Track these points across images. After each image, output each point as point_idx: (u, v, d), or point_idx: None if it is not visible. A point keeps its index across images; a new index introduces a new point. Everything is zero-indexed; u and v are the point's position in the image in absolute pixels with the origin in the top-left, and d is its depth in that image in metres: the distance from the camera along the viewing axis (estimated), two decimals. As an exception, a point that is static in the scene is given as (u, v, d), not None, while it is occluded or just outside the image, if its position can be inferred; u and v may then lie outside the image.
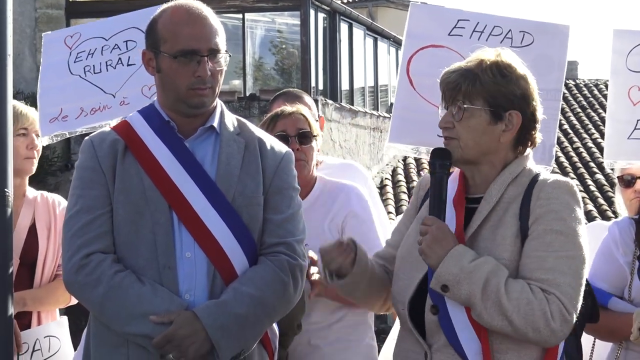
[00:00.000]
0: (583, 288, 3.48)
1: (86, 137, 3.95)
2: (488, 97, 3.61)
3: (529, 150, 3.72)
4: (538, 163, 4.78)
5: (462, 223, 3.60)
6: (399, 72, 5.18)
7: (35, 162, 5.07)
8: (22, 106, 4.77)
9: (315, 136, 4.81)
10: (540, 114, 3.70)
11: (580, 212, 3.57)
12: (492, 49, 3.75)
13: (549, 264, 3.46)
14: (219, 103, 3.96)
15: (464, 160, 3.64)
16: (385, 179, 24.33)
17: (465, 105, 3.59)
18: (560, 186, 3.58)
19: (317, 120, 5.30)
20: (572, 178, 25.38)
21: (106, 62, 5.41)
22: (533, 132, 3.69)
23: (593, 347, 4.88)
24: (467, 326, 3.50)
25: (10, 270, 4.03)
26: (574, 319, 3.43)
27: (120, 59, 5.38)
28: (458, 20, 5.11)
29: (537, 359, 3.56)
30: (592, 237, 4.76)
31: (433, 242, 3.48)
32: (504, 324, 3.40)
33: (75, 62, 5.41)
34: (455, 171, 3.78)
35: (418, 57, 5.06)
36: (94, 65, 5.40)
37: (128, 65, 5.35)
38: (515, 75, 3.64)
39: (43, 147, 5.31)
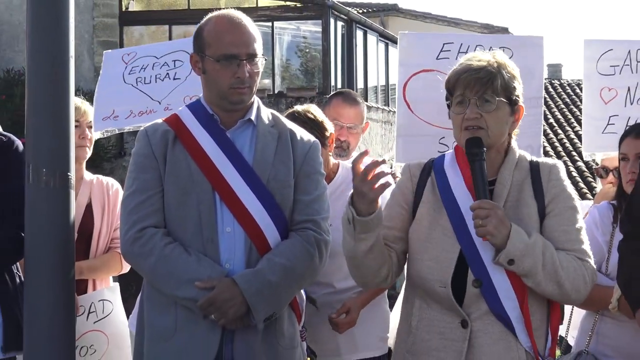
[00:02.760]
0: None
1: (141, 128, 3.97)
2: (507, 91, 3.61)
3: (515, 140, 3.74)
4: None
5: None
6: (397, 99, 5.16)
7: (88, 150, 5.09)
8: (76, 100, 4.75)
9: (323, 130, 4.74)
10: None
11: None
12: (487, 52, 3.74)
13: (573, 236, 3.55)
14: (255, 99, 3.97)
15: (489, 146, 3.59)
16: (395, 165, 24.23)
17: (497, 98, 3.57)
18: (562, 169, 3.67)
19: (362, 124, 5.32)
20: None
21: (156, 76, 5.44)
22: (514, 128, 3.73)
23: (571, 313, 4.89)
24: (511, 295, 3.50)
25: (73, 244, 4.02)
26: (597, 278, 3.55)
27: (168, 73, 5.42)
28: (443, 44, 5.08)
29: (548, 312, 3.65)
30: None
31: (499, 223, 3.43)
32: (554, 288, 3.46)
33: (129, 74, 5.46)
34: (450, 158, 3.76)
35: (412, 82, 5.04)
36: (144, 77, 5.44)
37: (174, 79, 5.39)
38: (513, 73, 3.66)
39: (99, 137, 5.33)
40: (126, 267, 4.90)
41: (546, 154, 25.69)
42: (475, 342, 3.53)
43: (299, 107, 4.79)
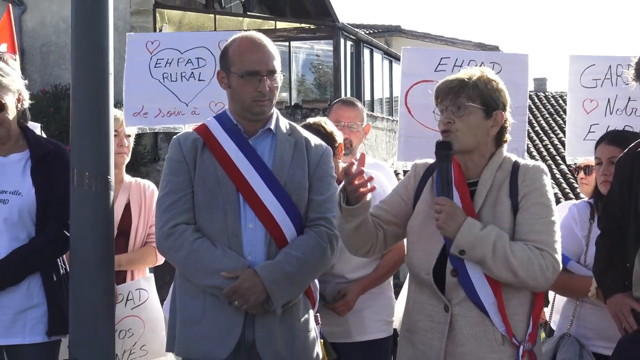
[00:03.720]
0: (560, 244, 3.54)
1: (174, 137, 3.98)
2: (482, 98, 3.60)
3: (505, 146, 3.71)
4: None
5: (469, 201, 3.59)
6: (400, 104, 5.17)
7: (126, 156, 5.08)
8: (115, 112, 4.73)
9: (334, 139, 4.74)
10: (510, 120, 3.70)
11: (551, 188, 3.62)
12: (476, 68, 3.76)
13: (537, 228, 3.50)
14: (275, 110, 3.97)
15: (462, 149, 3.61)
16: (396, 170, 24.17)
17: (467, 104, 3.57)
18: (539, 169, 3.62)
19: (363, 126, 5.31)
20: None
21: (181, 74, 5.35)
22: (506, 132, 3.69)
23: (554, 300, 4.87)
24: (484, 283, 3.50)
25: (112, 240, 4.04)
26: (560, 267, 3.48)
27: (192, 73, 5.33)
28: (441, 59, 5.09)
29: (530, 300, 3.59)
30: (559, 213, 4.78)
31: (448, 218, 3.47)
32: (509, 276, 3.42)
33: (155, 67, 5.36)
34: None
35: (413, 91, 5.04)
36: (170, 74, 5.35)
37: (199, 80, 5.31)
38: (498, 87, 3.66)
39: (136, 144, 5.30)
40: (161, 260, 4.90)
41: (532, 158, 25.68)
42: (456, 324, 3.54)
43: (311, 120, 4.77)
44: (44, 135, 5.09)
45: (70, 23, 3.95)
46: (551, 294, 4.82)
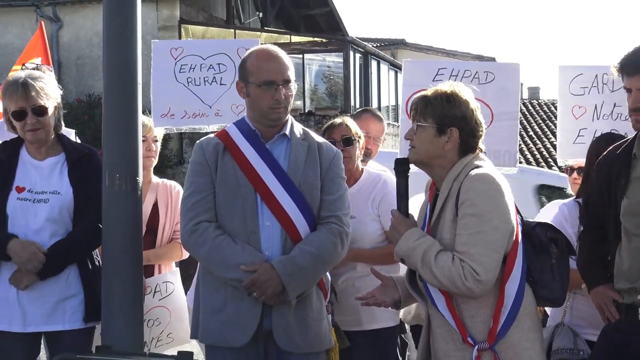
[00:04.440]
0: (496, 251, 3.38)
1: (197, 141, 3.97)
2: (436, 116, 3.54)
3: (471, 155, 3.58)
4: (505, 165, 4.79)
5: (429, 213, 3.62)
6: (401, 112, 5.17)
7: (154, 159, 5.06)
8: (144, 119, 4.74)
9: (357, 139, 4.78)
10: (481, 131, 3.59)
11: (498, 197, 3.43)
12: (450, 82, 3.70)
13: (464, 239, 3.39)
14: (290, 117, 3.96)
15: (418, 162, 3.61)
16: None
17: (418, 123, 3.56)
18: (477, 179, 3.45)
19: (383, 137, 5.35)
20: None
21: (204, 78, 5.31)
22: (474, 142, 3.58)
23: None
24: (433, 287, 3.49)
25: (141, 236, 4.04)
26: (487, 277, 3.35)
27: (214, 77, 5.30)
28: (438, 69, 5.07)
29: (492, 303, 3.46)
30: (550, 211, 4.77)
31: (393, 229, 3.58)
32: (435, 282, 3.41)
33: (180, 72, 5.31)
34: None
35: (413, 99, 5.04)
36: (194, 79, 5.31)
37: (221, 84, 5.28)
38: (458, 101, 3.55)
39: (163, 148, 5.30)
40: (186, 255, 4.89)
41: (527, 161, 25.67)
42: (431, 324, 3.58)
43: (338, 120, 4.84)
44: (78, 140, 5.11)
45: (102, 37, 3.96)
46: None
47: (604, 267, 3.89)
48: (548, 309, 4.68)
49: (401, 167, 3.61)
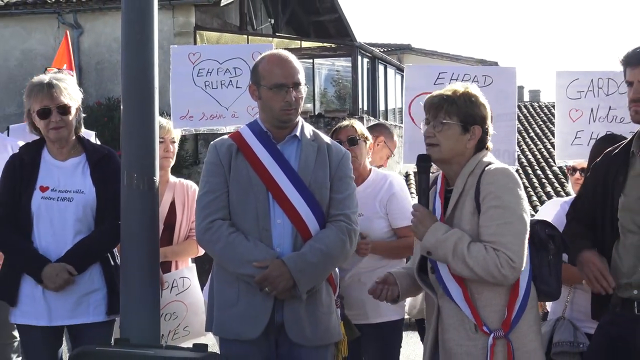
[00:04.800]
0: (523, 241, 3.43)
1: (211, 142, 3.98)
2: (460, 115, 3.57)
3: (484, 152, 3.64)
4: (505, 163, 4.77)
5: (443, 208, 3.61)
6: (404, 114, 5.18)
7: (172, 160, 5.07)
8: (162, 121, 4.77)
9: (364, 140, 4.80)
10: (491, 131, 3.66)
11: (517, 189, 3.49)
12: (461, 83, 3.77)
13: (492, 230, 3.42)
14: (300, 119, 3.96)
15: (441, 160, 3.61)
16: (407, 172, 24.17)
17: (444, 121, 3.56)
18: (498, 173, 3.52)
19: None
20: (536, 169, 25.24)
21: (221, 82, 5.32)
22: (487, 140, 3.65)
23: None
24: (450, 278, 3.50)
25: (158, 234, 4.04)
26: (520, 265, 3.40)
27: (231, 81, 5.31)
28: (439, 73, 5.07)
29: (505, 293, 3.50)
30: (551, 208, 4.75)
31: (418, 223, 3.54)
32: (468, 273, 3.40)
33: (197, 76, 5.33)
34: (440, 172, 3.76)
35: (415, 102, 5.04)
36: (212, 82, 5.32)
37: (237, 87, 5.29)
38: (480, 101, 3.61)
39: (179, 149, 5.32)
40: (201, 251, 4.90)
41: (528, 161, 25.66)
42: (441, 315, 3.57)
43: (345, 122, 4.87)
44: (98, 141, 5.14)
45: (121, 43, 3.97)
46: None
47: (589, 239, 3.84)
48: (548, 306, 4.67)
49: (424, 164, 3.60)
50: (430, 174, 3.82)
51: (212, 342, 4.06)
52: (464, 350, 3.49)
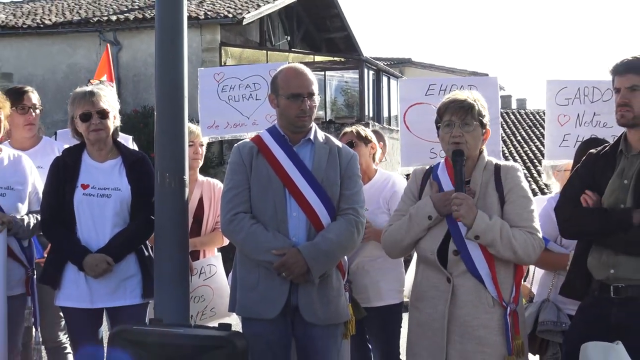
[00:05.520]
0: None
1: (235, 145, 3.98)
2: (480, 117, 3.66)
3: (484, 151, 3.77)
4: None
5: None
6: (399, 123, 5.19)
7: (200, 161, 5.08)
8: (191, 126, 4.77)
9: (364, 143, 4.79)
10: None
11: (525, 180, 3.69)
12: (467, 91, 3.81)
13: (524, 217, 3.57)
14: (313, 124, 3.96)
15: (467, 156, 3.63)
16: (407, 172, 24.15)
17: (474, 122, 3.62)
18: (517, 169, 3.69)
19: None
20: (523, 169, 25.14)
21: (242, 95, 5.37)
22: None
23: (534, 273, 4.81)
24: (482, 259, 3.53)
25: (187, 226, 4.05)
26: (544, 245, 3.62)
27: (250, 94, 5.35)
28: (429, 85, 5.06)
29: (513, 272, 3.63)
30: (539, 203, 4.74)
31: (468, 210, 3.49)
32: (510, 254, 3.49)
33: (222, 91, 5.39)
34: (442, 166, 3.77)
35: (409, 112, 5.05)
36: (234, 96, 5.37)
37: (256, 99, 5.33)
38: (485, 107, 3.71)
39: (206, 151, 5.34)
40: (226, 242, 4.90)
41: (515, 162, 25.58)
42: (457, 292, 3.56)
43: (348, 128, 4.88)
44: (135, 144, 5.15)
45: (155, 58, 3.98)
46: (531, 268, 4.77)
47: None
48: (534, 289, 4.66)
49: (460, 158, 3.59)
50: (421, 167, 3.90)
51: (235, 322, 4.05)
52: (480, 322, 3.52)
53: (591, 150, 3.89)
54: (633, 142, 3.63)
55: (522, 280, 4.71)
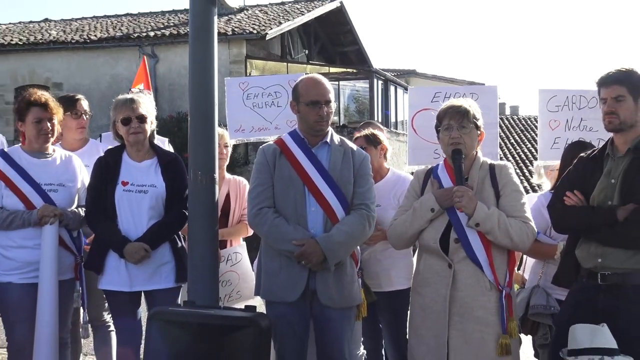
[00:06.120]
0: None
1: (260, 147, 3.98)
2: (475, 120, 3.66)
3: (479, 150, 3.77)
4: None
5: None
6: (408, 127, 5.19)
7: (226, 160, 5.07)
8: (219, 129, 4.75)
9: (374, 146, 4.75)
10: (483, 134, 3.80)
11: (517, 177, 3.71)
12: (465, 99, 3.85)
13: (518, 208, 3.57)
14: (330, 129, 3.95)
15: (465, 155, 3.65)
16: (412, 171, 24.11)
17: (470, 125, 3.63)
18: (510, 167, 3.70)
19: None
20: (515, 169, 25.02)
21: (265, 102, 5.36)
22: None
23: (525, 261, 4.78)
24: (480, 247, 3.52)
25: (217, 218, 4.04)
26: (536, 233, 3.62)
27: (273, 101, 5.34)
28: (435, 93, 5.05)
29: (507, 258, 3.62)
30: (530, 199, 4.71)
31: (469, 201, 3.51)
32: (507, 241, 3.50)
33: (247, 99, 5.38)
34: (441, 166, 3.78)
35: (417, 117, 5.04)
36: (258, 103, 5.36)
37: (277, 106, 5.32)
38: (478, 112, 3.72)
39: (232, 152, 5.35)
40: (251, 232, 4.90)
41: (509, 161, 25.46)
42: (457, 277, 3.55)
43: (367, 130, 4.83)
44: (170, 146, 5.16)
45: (188, 69, 3.98)
46: (524, 258, 4.74)
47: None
48: (526, 276, 4.63)
49: (459, 156, 3.62)
50: (423, 167, 3.95)
51: (259, 304, 4.05)
52: (479, 304, 3.51)
53: (581, 154, 3.88)
54: (619, 145, 3.66)
55: (517, 269, 4.72)
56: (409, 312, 3.84)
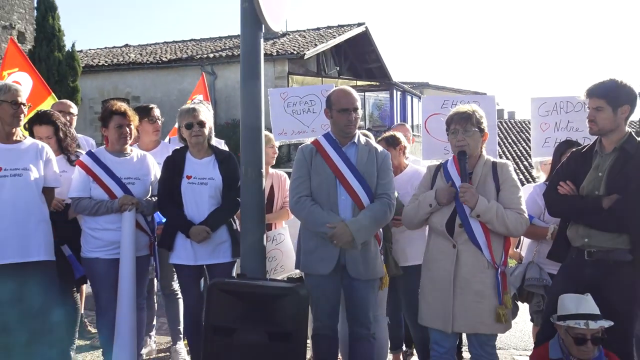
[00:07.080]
0: None
1: (299, 147, 3.97)
2: (478, 124, 3.57)
3: (484, 149, 3.69)
4: None
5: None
6: (421, 128, 5.16)
7: (274, 159, 5.08)
8: (268, 134, 4.76)
9: (395, 146, 4.68)
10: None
11: (515, 174, 3.61)
12: (469, 105, 3.75)
13: (514, 201, 3.47)
14: (357, 131, 3.92)
15: (469, 155, 3.58)
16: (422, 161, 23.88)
17: (473, 129, 3.54)
18: (509, 165, 3.60)
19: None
20: (512, 164, 24.62)
21: (302, 109, 5.36)
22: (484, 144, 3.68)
23: (522, 241, 4.70)
24: (480, 232, 3.46)
25: (264, 206, 4.03)
26: (529, 222, 3.55)
27: (309, 109, 5.35)
28: (444, 101, 5.05)
29: (503, 241, 3.55)
30: (526, 190, 4.62)
31: (471, 195, 3.46)
32: (504, 229, 3.43)
33: (287, 107, 5.39)
34: (450, 162, 3.70)
35: (429, 120, 5.03)
36: (297, 110, 5.37)
37: (313, 113, 5.33)
38: (483, 116, 3.63)
39: (279, 145, 5.38)
40: (291, 217, 4.89)
41: (507, 159, 25.07)
42: (460, 255, 3.50)
43: (389, 132, 4.78)
44: (226, 147, 5.18)
45: (240, 84, 3.98)
46: (521, 238, 4.66)
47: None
48: (523, 253, 4.55)
49: (463, 157, 3.56)
50: (436, 162, 3.85)
51: (298, 275, 4.04)
52: (478, 279, 3.46)
53: (573, 150, 3.85)
54: (606, 144, 3.60)
55: (515, 247, 4.64)
56: (420, 283, 3.80)
